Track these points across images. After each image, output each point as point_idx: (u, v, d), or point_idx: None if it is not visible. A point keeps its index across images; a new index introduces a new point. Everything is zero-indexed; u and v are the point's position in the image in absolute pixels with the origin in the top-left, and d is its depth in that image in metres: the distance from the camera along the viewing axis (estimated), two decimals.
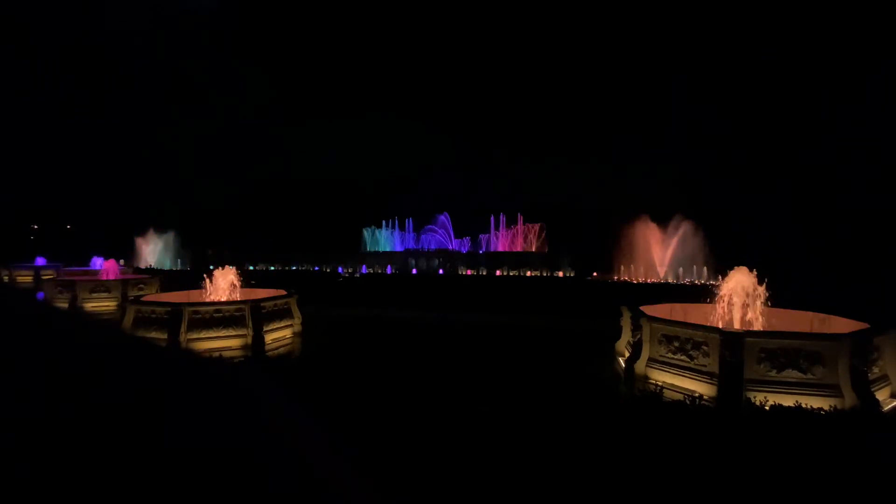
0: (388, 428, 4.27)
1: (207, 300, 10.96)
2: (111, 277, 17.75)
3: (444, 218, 44.59)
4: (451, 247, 42.83)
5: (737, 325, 8.15)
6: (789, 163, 43.66)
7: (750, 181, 44.43)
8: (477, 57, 64.59)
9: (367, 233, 44.61)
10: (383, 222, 44.93)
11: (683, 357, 7.37)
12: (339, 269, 34.00)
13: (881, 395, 6.58)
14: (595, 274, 28.57)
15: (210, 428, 0.40)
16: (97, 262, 18.97)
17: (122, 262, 19.59)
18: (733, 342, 6.73)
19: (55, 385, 0.37)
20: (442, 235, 44.45)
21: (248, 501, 0.35)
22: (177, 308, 9.52)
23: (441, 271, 33.99)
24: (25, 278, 22.99)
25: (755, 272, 8.29)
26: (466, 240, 43.74)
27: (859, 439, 4.55)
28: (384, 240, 44.45)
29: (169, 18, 53.77)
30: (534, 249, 39.05)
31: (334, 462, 0.50)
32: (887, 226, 32.92)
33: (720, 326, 7.77)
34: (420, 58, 62.61)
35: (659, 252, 28.82)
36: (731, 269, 8.54)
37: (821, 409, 5.42)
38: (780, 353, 6.55)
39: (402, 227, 45.17)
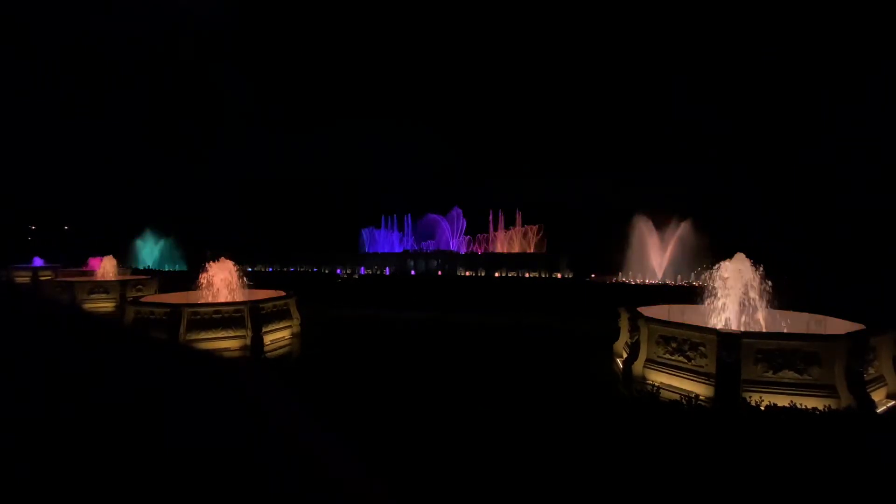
0: (388, 429, 4.28)
1: (207, 298, 10.98)
2: (109, 276, 17.75)
3: (455, 213, 43.92)
4: (451, 245, 42.75)
5: (734, 326, 8.18)
6: (789, 163, 43.78)
7: (749, 182, 44.56)
8: (474, 59, 64.61)
9: (365, 234, 44.55)
10: (382, 217, 44.79)
11: (681, 358, 7.39)
12: (338, 271, 33.99)
13: (877, 395, 6.60)
14: (593, 275, 28.58)
15: (210, 427, 0.41)
16: (95, 265, 18.89)
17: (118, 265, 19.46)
18: (730, 343, 6.75)
19: (55, 384, 0.38)
20: (446, 230, 44.05)
21: (248, 501, 0.36)
22: (176, 309, 9.53)
23: (440, 272, 33.97)
24: (23, 279, 22.97)
25: (753, 265, 8.31)
26: (465, 240, 43.69)
27: (855, 440, 4.57)
28: (383, 240, 44.39)
29: (169, 19, 53.77)
30: (532, 250, 39.03)
31: (334, 460, 0.51)
32: (886, 226, 33.01)
33: (718, 327, 7.80)
34: (417, 59, 62.64)
35: (657, 253, 28.83)
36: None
37: (816, 409, 5.44)
38: (776, 353, 6.57)
39: (400, 228, 45.07)
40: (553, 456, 3.90)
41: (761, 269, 8.28)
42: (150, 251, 38.45)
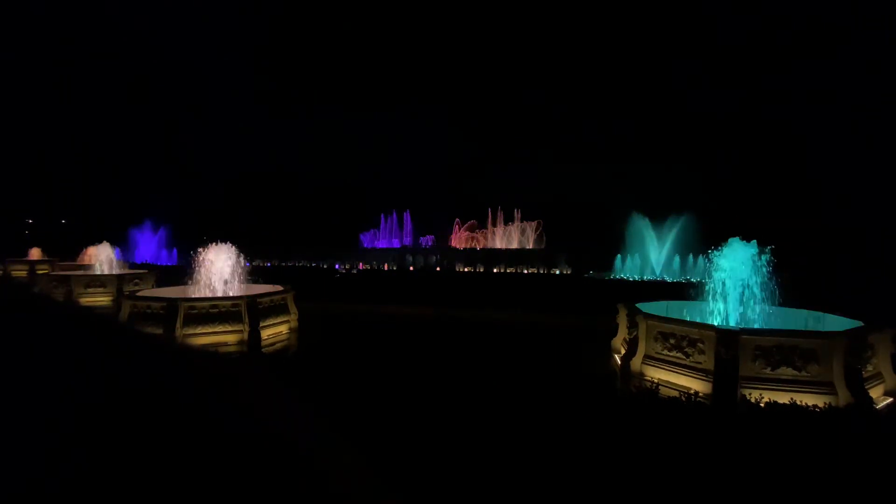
0: (386, 424, 4.27)
1: (204, 292, 10.94)
2: (105, 266, 17.69)
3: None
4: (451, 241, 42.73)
5: (732, 322, 8.19)
6: (786, 160, 43.84)
7: (744, 178, 44.64)
8: (473, 53, 64.38)
9: (363, 237, 44.54)
10: (382, 216, 44.77)
11: (679, 354, 7.39)
12: (336, 266, 33.94)
13: (875, 392, 6.61)
14: (591, 271, 28.63)
15: (206, 429, 0.39)
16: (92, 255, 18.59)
17: (117, 251, 19.25)
18: (728, 339, 6.75)
19: (50, 386, 0.36)
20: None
21: (249, 495, 0.35)
22: (172, 303, 9.49)
23: (438, 268, 33.97)
24: (20, 272, 22.89)
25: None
26: (465, 236, 43.65)
27: (853, 436, 4.58)
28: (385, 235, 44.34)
29: (166, 11, 53.38)
30: (531, 246, 39.06)
31: (334, 457, 0.49)
32: (885, 223, 33.14)
33: (716, 324, 7.81)
34: (419, 52, 62.37)
35: (655, 249, 28.91)
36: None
37: (815, 406, 5.45)
38: (774, 350, 6.57)
39: (400, 225, 44.96)
40: (551, 453, 3.89)
41: (761, 262, 8.26)
42: (147, 245, 38.33)
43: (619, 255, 28.62)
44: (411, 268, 34.11)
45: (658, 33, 52.50)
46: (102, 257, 17.88)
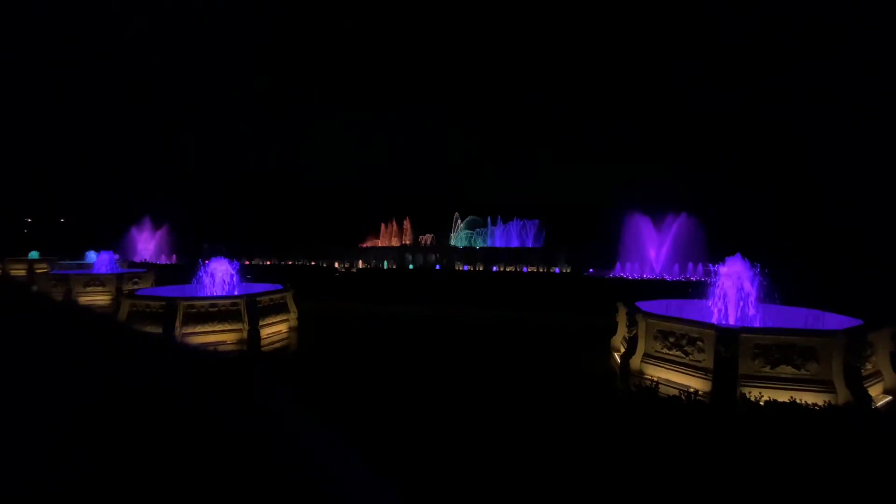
0: (385, 424, 4.27)
1: (203, 291, 10.93)
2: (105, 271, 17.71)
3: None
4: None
5: (732, 321, 8.19)
6: (786, 158, 43.84)
7: (744, 177, 44.64)
8: (473, 53, 64.31)
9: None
10: (382, 225, 44.82)
11: (678, 353, 7.39)
12: (336, 265, 33.93)
13: (874, 390, 6.62)
14: (591, 270, 28.62)
15: (209, 426, 0.39)
16: (92, 257, 18.86)
17: (117, 257, 19.41)
18: (728, 338, 6.75)
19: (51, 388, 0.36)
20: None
21: (249, 495, 0.35)
22: (172, 302, 9.48)
23: (437, 266, 33.96)
24: (19, 271, 22.89)
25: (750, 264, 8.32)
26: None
27: (852, 435, 4.59)
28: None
29: (166, 11, 53.32)
30: (530, 245, 39.03)
31: (335, 455, 0.49)
32: (885, 223, 33.15)
33: (715, 322, 7.81)
34: (418, 56, 62.31)
35: (655, 248, 28.90)
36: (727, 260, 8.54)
37: (815, 404, 5.45)
38: (774, 349, 6.58)
39: (400, 231, 44.94)
40: (551, 452, 3.89)
41: (759, 266, 8.28)
42: (147, 245, 38.31)
43: (618, 254, 28.60)
44: (410, 266, 34.11)
45: (658, 33, 52.43)
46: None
